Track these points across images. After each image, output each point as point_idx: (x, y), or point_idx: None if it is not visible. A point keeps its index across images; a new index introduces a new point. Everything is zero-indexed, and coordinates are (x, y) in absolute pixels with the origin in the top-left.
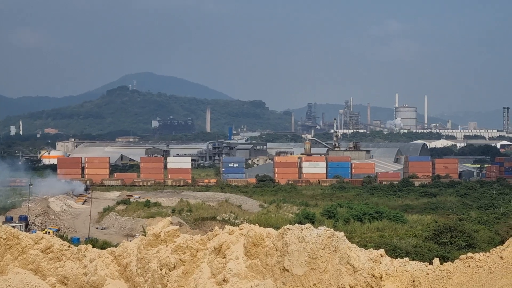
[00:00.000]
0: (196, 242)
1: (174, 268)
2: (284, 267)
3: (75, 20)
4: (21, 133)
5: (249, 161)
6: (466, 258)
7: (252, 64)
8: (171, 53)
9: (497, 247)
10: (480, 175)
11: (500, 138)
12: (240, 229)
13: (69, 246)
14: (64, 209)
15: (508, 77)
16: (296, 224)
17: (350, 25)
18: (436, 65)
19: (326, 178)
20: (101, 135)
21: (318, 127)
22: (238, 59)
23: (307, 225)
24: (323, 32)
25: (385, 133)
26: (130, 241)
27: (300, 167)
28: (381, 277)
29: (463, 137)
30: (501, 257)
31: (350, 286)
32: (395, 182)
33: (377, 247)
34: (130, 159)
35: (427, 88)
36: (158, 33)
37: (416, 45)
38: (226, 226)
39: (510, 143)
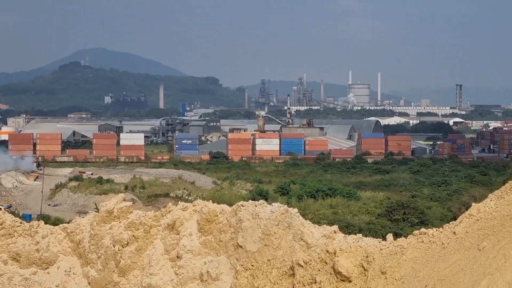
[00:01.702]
0: (150, 218)
1: (127, 244)
2: (237, 243)
3: None
4: None
5: (203, 138)
6: (420, 234)
7: (206, 40)
8: (124, 29)
9: (450, 223)
10: (433, 152)
11: (453, 115)
12: (194, 206)
13: (21, 223)
14: (16, 186)
15: (460, 55)
16: (250, 201)
17: (305, 2)
18: (389, 42)
19: (280, 155)
20: (53, 111)
21: (271, 104)
22: (191, 35)
23: (261, 201)
24: (277, 8)
25: (339, 110)
26: (83, 217)
27: (254, 144)
28: (335, 253)
29: (416, 114)
30: (454, 233)
31: (304, 262)
32: (348, 159)
33: (331, 223)
34: (83, 136)
35: (381, 65)
36: (111, 8)
37: (370, 22)
38: (179, 202)
39: (462, 120)
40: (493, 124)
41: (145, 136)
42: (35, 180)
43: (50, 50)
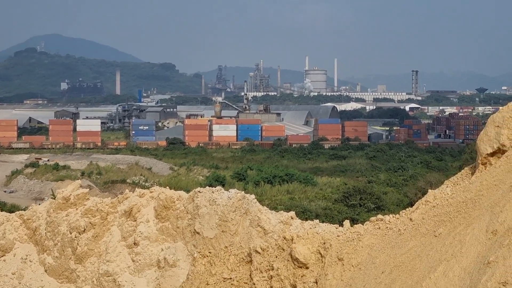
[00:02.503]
0: (106, 205)
1: (84, 231)
2: (195, 229)
3: None
4: None
5: (159, 124)
6: (376, 220)
7: (162, 26)
8: (79, 15)
9: (407, 209)
10: (389, 137)
11: (409, 101)
12: (151, 192)
13: None
14: None
15: (416, 41)
16: (207, 187)
17: None
18: (346, 28)
19: (237, 141)
20: (8, 98)
21: (228, 90)
22: (147, 21)
23: (218, 187)
24: None
25: (295, 96)
26: (39, 204)
27: (211, 130)
28: (292, 240)
29: (372, 100)
30: (411, 219)
31: (261, 248)
32: (305, 145)
33: (288, 209)
34: (39, 122)
35: (337, 51)
36: None
37: (326, 8)
38: (136, 189)
39: (418, 106)
40: (448, 110)
41: (101, 122)
42: None
43: (5, 36)
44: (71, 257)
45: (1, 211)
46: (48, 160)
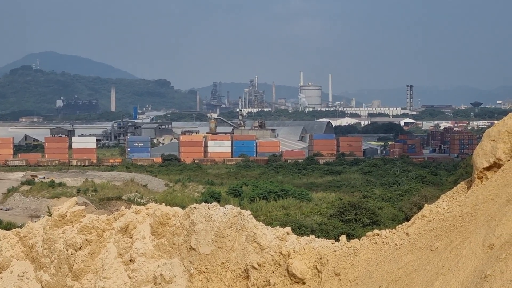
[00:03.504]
0: (103, 222)
1: (80, 248)
2: (191, 246)
3: None
4: None
5: (155, 141)
6: (373, 235)
7: (156, 43)
8: (74, 32)
9: (403, 224)
10: (384, 152)
11: (404, 115)
12: (147, 209)
13: None
14: None
15: (410, 55)
16: (203, 203)
17: (254, 3)
18: (339, 43)
19: (232, 157)
20: (4, 115)
21: (223, 106)
22: (142, 38)
23: (214, 203)
24: (227, 9)
25: (290, 111)
26: (35, 221)
27: (206, 146)
28: (288, 255)
29: (367, 115)
30: (407, 234)
31: (258, 264)
32: (300, 160)
33: (283, 225)
34: (34, 139)
35: (331, 66)
36: (61, 12)
37: (320, 23)
38: (132, 205)
39: (413, 121)
40: (443, 124)
41: (97, 139)
42: None
43: (0, 54)
44: (67, 274)
45: None
46: (44, 178)
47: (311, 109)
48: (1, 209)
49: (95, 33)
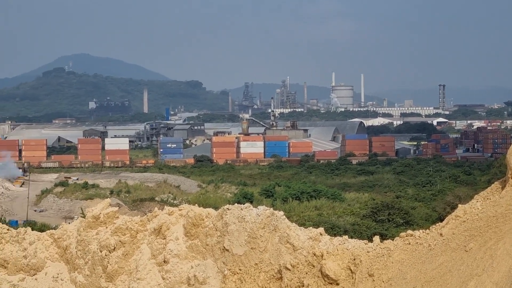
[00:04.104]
0: (136, 223)
1: (114, 249)
2: (224, 247)
3: (9, 1)
4: None
5: (187, 142)
6: (406, 236)
7: (188, 44)
8: (107, 34)
9: (437, 224)
10: (417, 152)
11: (436, 115)
12: (180, 210)
13: (8, 229)
14: (2, 192)
15: (443, 55)
16: (236, 204)
17: (287, 4)
18: (372, 43)
19: (264, 158)
20: (37, 117)
21: (255, 106)
22: (174, 39)
23: (247, 204)
24: (259, 11)
25: (322, 112)
26: (69, 223)
27: (238, 147)
28: (322, 256)
29: (399, 115)
30: (441, 234)
31: (291, 265)
32: (332, 161)
33: (316, 225)
34: (68, 141)
35: (364, 66)
36: (93, 14)
37: (352, 23)
38: (165, 206)
39: (446, 120)
40: (476, 124)
41: (129, 141)
42: (21, 186)
43: (34, 56)
44: (101, 276)
45: (32, 230)
46: (77, 179)
47: (343, 109)
48: (35, 210)
49: (127, 34)
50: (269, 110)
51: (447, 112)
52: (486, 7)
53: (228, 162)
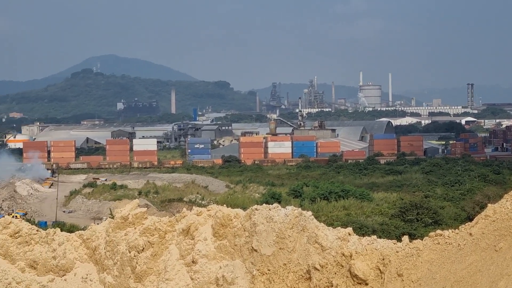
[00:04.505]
0: (164, 224)
1: (142, 250)
2: (252, 247)
3: (38, 3)
4: None
5: (215, 142)
6: (435, 235)
7: (215, 44)
8: (134, 35)
9: (466, 223)
10: (445, 151)
11: (465, 114)
12: (208, 210)
13: (37, 230)
14: (31, 193)
15: (472, 54)
16: (264, 204)
17: (314, 3)
18: (400, 42)
19: (292, 158)
20: (66, 118)
21: (283, 106)
22: (201, 39)
23: (275, 205)
24: (287, 10)
25: (350, 111)
26: (98, 224)
27: (266, 147)
28: (350, 256)
29: (427, 114)
30: (470, 234)
31: (320, 265)
32: (360, 161)
33: (344, 225)
34: (96, 142)
35: (391, 65)
36: (121, 15)
37: (380, 22)
38: (193, 207)
39: (474, 119)
40: (505, 123)
41: (157, 142)
42: (50, 187)
43: (62, 58)
44: (130, 276)
45: (61, 231)
46: (106, 180)
47: (371, 109)
48: (64, 211)
49: (154, 35)
50: (297, 110)
51: (475, 111)
52: None
53: (256, 162)
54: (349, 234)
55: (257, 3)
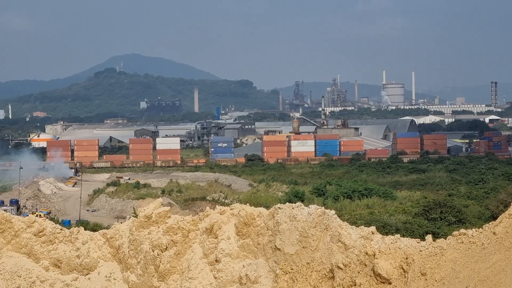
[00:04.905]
0: (188, 223)
1: (166, 249)
2: (276, 246)
3: (62, 3)
4: (10, 117)
5: (238, 141)
6: (459, 234)
7: (238, 43)
8: (157, 34)
9: (490, 222)
10: (469, 150)
11: (489, 112)
12: (231, 209)
13: (61, 229)
14: (55, 192)
15: (495, 52)
16: (287, 203)
17: (337, 1)
18: (423, 41)
19: (315, 156)
20: (89, 118)
21: (306, 105)
22: (224, 38)
23: (298, 203)
24: (309, 9)
25: (373, 110)
26: (121, 223)
27: (289, 146)
28: (374, 255)
29: (451, 112)
30: (494, 233)
31: (343, 264)
32: (383, 159)
33: (367, 224)
34: (119, 141)
35: (415, 64)
36: (144, 14)
37: (403, 21)
38: (216, 206)
39: (498, 118)
40: None
41: (180, 140)
42: (73, 186)
43: (85, 57)
44: (154, 275)
45: (85, 230)
46: (129, 179)
47: (394, 107)
48: (88, 210)
49: (177, 34)
50: (320, 109)
51: (499, 110)
52: None
53: (279, 161)
54: (373, 233)
55: (280, 2)
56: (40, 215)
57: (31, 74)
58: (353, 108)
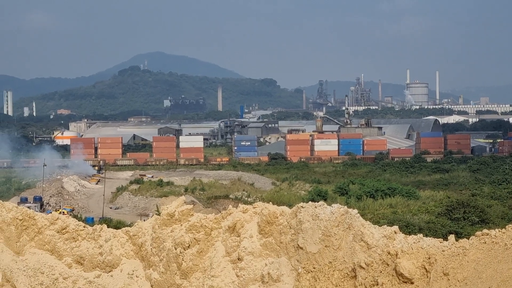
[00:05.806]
0: (210, 221)
1: (188, 247)
2: (298, 245)
3: (87, 1)
4: (34, 114)
5: (261, 139)
6: (482, 235)
7: (262, 42)
8: (182, 32)
9: None
10: (493, 150)
11: None
12: (254, 208)
13: (84, 226)
14: (78, 189)
15: None
16: (310, 202)
17: (361, 1)
18: (447, 40)
19: (338, 155)
20: (113, 115)
21: (329, 104)
22: (248, 37)
23: (321, 202)
24: (333, 8)
25: (397, 109)
26: (144, 220)
27: (312, 145)
28: (396, 255)
29: (475, 112)
30: None
31: (365, 263)
32: (407, 159)
33: (390, 223)
34: (143, 139)
35: (438, 63)
36: (168, 12)
37: (427, 20)
38: (239, 204)
39: None
40: None
41: (204, 139)
42: (96, 183)
43: (110, 55)
44: (176, 273)
45: (108, 227)
46: (152, 177)
47: (417, 107)
48: (111, 208)
49: (201, 33)
50: (343, 108)
51: None
52: None
53: (302, 159)
54: (395, 233)
55: (304, 2)
56: (63, 212)
57: (56, 72)
58: (376, 107)
